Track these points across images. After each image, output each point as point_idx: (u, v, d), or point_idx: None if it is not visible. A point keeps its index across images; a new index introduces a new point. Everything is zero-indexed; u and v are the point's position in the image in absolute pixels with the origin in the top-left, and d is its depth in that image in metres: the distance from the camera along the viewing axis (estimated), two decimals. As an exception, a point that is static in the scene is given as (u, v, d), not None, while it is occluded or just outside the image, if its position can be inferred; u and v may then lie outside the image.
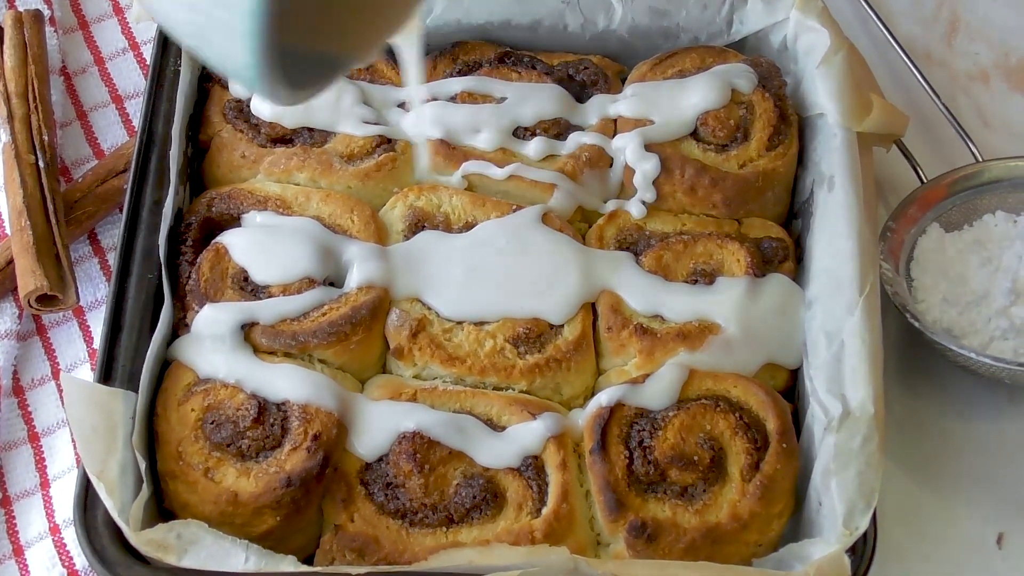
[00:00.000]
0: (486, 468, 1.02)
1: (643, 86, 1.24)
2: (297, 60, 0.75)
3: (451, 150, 1.20)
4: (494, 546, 0.97)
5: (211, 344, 1.07)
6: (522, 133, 1.21)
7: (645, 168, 1.18)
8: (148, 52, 1.39)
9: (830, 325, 1.07)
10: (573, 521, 1.00)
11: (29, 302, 1.17)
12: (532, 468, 1.02)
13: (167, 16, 0.76)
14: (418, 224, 1.16)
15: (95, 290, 1.25)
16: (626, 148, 1.19)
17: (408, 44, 1.01)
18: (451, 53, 1.28)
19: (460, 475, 1.02)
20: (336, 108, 1.21)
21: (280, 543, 0.99)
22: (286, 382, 1.05)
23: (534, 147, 1.20)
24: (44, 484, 1.15)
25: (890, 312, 1.15)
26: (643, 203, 1.18)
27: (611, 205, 1.19)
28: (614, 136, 1.22)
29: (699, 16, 1.28)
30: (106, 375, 1.04)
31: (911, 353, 1.22)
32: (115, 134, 1.36)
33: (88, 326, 1.23)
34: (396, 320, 1.10)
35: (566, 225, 1.16)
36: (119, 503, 0.96)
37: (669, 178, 1.18)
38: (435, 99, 1.23)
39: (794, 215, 1.22)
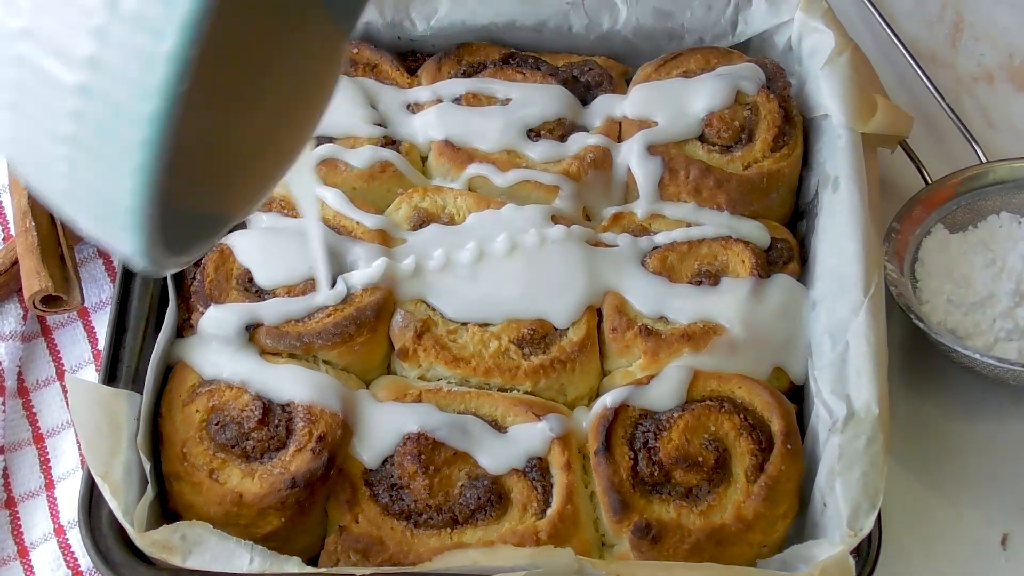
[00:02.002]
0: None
1: (648, 87, 1.24)
2: (181, 222, 0.68)
3: (456, 152, 1.20)
4: (498, 547, 0.97)
5: (216, 345, 1.07)
6: (527, 134, 1.22)
7: (649, 170, 1.18)
8: (153, 53, 1.39)
9: (835, 326, 1.07)
10: (578, 522, 1.00)
11: (34, 303, 1.17)
12: (537, 469, 1.02)
13: (28, 173, 0.66)
14: (423, 225, 1.16)
15: (100, 291, 1.25)
16: (630, 150, 1.19)
17: (298, 180, 0.96)
18: (456, 54, 1.28)
19: (465, 476, 1.02)
20: (340, 110, 1.21)
21: (285, 544, 0.99)
22: (290, 383, 1.05)
23: (539, 149, 1.20)
24: (49, 485, 1.15)
25: (894, 313, 1.15)
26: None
27: (615, 206, 1.19)
28: (619, 137, 1.22)
29: (704, 17, 1.28)
30: (111, 376, 1.04)
31: (915, 354, 1.21)
32: (120, 135, 1.36)
33: (93, 327, 1.23)
34: (401, 321, 1.10)
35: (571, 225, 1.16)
36: (123, 504, 0.96)
37: (674, 179, 1.18)
38: (440, 101, 1.23)
39: (799, 216, 1.22)
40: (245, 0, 0.61)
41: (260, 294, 1.10)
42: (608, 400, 1.05)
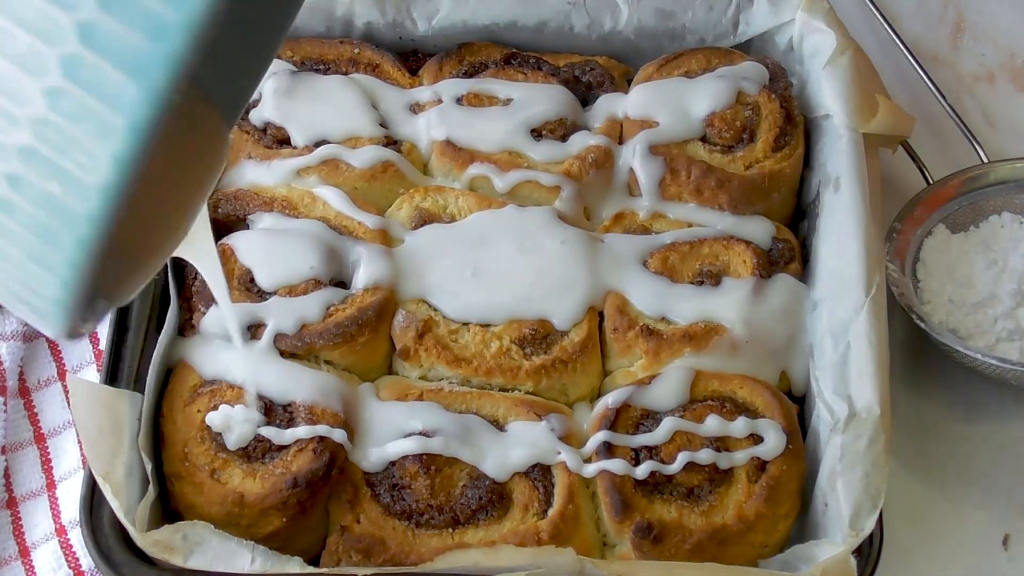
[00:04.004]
0: (492, 469, 1.03)
1: (649, 87, 1.24)
2: (107, 281, 0.68)
3: (457, 152, 1.20)
4: (500, 547, 0.97)
5: (217, 345, 1.07)
6: (529, 134, 1.21)
7: (650, 170, 1.18)
8: (154, 53, 1.39)
9: (836, 326, 1.07)
10: (579, 522, 1.00)
11: (35, 303, 1.17)
12: (538, 469, 1.02)
13: None
14: (424, 225, 1.16)
15: (101, 291, 1.25)
16: (632, 150, 1.19)
17: (199, 258, 0.95)
18: (457, 54, 1.28)
19: (466, 476, 1.02)
20: (342, 110, 1.21)
21: (286, 544, 0.99)
22: (292, 383, 1.05)
23: (540, 149, 1.20)
24: (50, 485, 1.15)
25: (896, 313, 1.15)
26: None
27: (617, 206, 1.19)
28: (620, 137, 1.22)
29: (705, 17, 1.28)
30: (112, 376, 1.04)
31: (917, 354, 1.21)
32: (121, 135, 1.36)
33: (94, 327, 1.23)
34: (402, 321, 1.10)
35: (572, 226, 1.16)
36: (125, 504, 0.96)
37: (675, 179, 1.18)
38: (440, 101, 1.23)
39: (800, 216, 1.22)
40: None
41: (262, 294, 1.10)
42: (610, 400, 1.05)
